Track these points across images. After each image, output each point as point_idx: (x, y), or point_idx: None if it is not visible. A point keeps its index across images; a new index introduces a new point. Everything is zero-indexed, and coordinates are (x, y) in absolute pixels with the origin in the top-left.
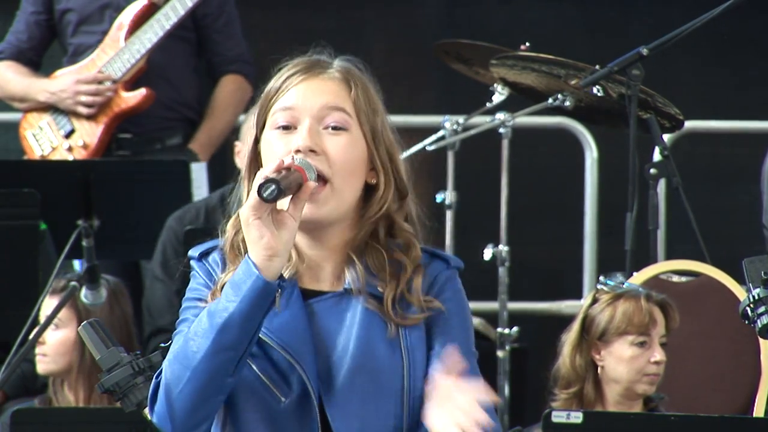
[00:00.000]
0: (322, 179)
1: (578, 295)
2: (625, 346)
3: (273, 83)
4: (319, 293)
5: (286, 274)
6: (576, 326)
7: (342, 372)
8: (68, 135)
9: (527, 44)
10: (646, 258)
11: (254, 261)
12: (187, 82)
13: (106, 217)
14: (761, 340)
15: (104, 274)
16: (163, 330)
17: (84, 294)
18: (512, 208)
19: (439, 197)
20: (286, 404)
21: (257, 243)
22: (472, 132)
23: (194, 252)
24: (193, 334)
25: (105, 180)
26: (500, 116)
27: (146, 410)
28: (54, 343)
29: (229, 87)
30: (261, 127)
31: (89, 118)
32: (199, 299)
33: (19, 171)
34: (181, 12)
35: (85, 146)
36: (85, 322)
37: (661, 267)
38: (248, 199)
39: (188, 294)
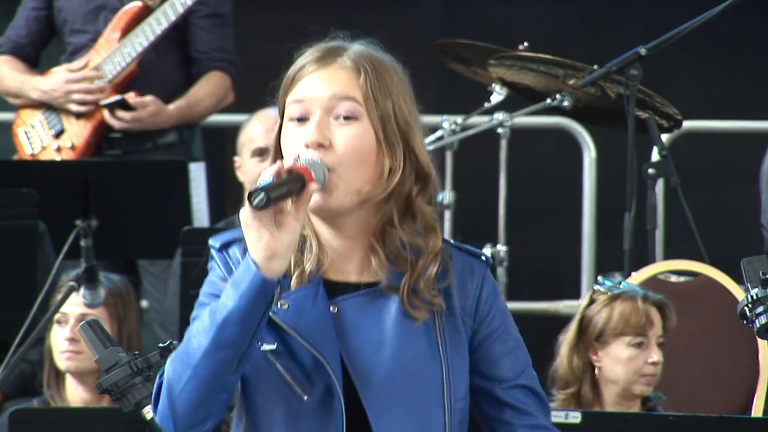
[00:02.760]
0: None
1: (576, 295)
2: (622, 346)
3: (290, 71)
4: (347, 285)
5: (307, 267)
6: (573, 327)
7: (380, 373)
8: (58, 135)
9: (525, 44)
10: (644, 258)
11: (253, 259)
12: (178, 83)
13: (104, 217)
14: (759, 341)
15: (109, 274)
16: None
17: (83, 294)
18: (510, 208)
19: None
20: (308, 402)
21: (256, 244)
22: (471, 132)
23: (215, 242)
24: (195, 332)
25: (103, 180)
26: (498, 116)
27: (145, 410)
28: None
29: (215, 80)
30: (281, 117)
31: (79, 119)
32: (216, 295)
33: (17, 171)
34: (173, 17)
35: (72, 147)
36: (83, 321)
37: (659, 267)
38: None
39: (205, 288)
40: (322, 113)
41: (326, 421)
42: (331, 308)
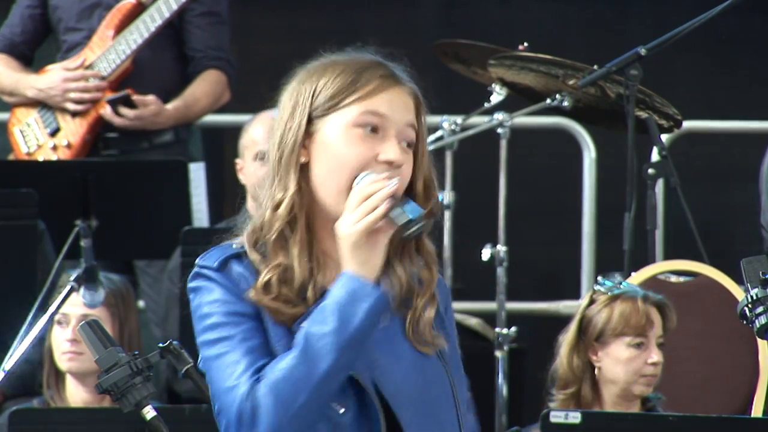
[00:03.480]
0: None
1: (576, 296)
2: (622, 347)
3: (353, 76)
4: None
5: (328, 285)
6: (573, 327)
7: (405, 381)
8: (53, 133)
9: (525, 44)
10: (644, 258)
11: (366, 278)
12: (173, 80)
13: (104, 217)
14: (759, 341)
15: (109, 274)
16: None
17: (83, 294)
18: (510, 208)
19: None
20: (346, 414)
21: (368, 263)
22: (471, 132)
23: (210, 262)
24: (301, 357)
25: (103, 180)
26: (498, 116)
27: (145, 410)
28: None
29: (211, 79)
30: (328, 109)
31: (75, 116)
32: (239, 313)
33: (17, 171)
34: (167, 14)
35: (69, 146)
36: (83, 322)
37: (659, 267)
38: (356, 220)
39: (213, 308)
40: (398, 136)
41: (366, 428)
42: None
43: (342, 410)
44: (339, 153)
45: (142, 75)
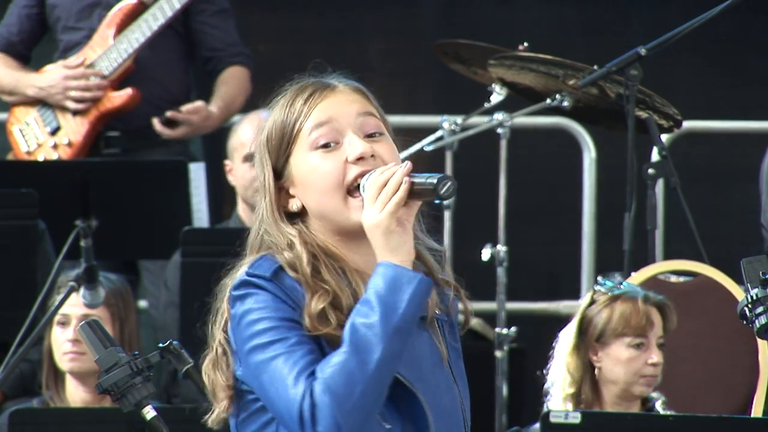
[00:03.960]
0: None
1: (576, 296)
2: (622, 347)
3: (288, 111)
4: None
5: (350, 294)
6: (573, 327)
7: (441, 401)
8: (54, 132)
9: (525, 44)
10: (644, 258)
11: (402, 263)
12: (175, 79)
13: (104, 217)
14: (759, 341)
15: (107, 273)
16: None
17: (82, 294)
18: (510, 208)
19: None
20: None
21: (402, 248)
22: (471, 132)
23: (261, 271)
24: (352, 350)
25: (103, 180)
26: (498, 116)
27: (145, 410)
28: None
29: (240, 75)
30: (285, 157)
31: (75, 115)
32: (293, 319)
33: (17, 171)
34: (169, 13)
35: (70, 144)
36: (83, 322)
37: (659, 267)
38: (380, 208)
39: (268, 313)
40: (355, 130)
41: None
42: None
43: (388, 427)
44: (315, 181)
45: (144, 74)
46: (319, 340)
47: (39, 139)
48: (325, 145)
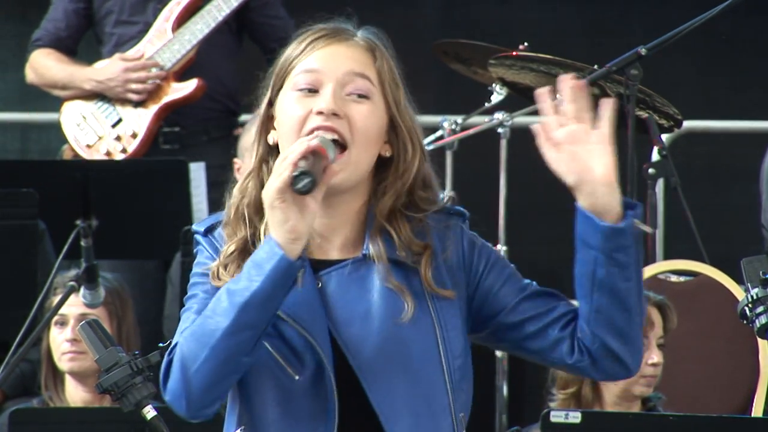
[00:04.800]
0: (340, 145)
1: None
2: None
3: (295, 47)
4: (329, 261)
5: None
6: None
7: (371, 342)
8: (115, 124)
9: (525, 44)
10: (644, 258)
11: (278, 242)
12: (228, 72)
13: (104, 217)
14: (759, 340)
15: (102, 272)
16: None
17: (82, 294)
18: (511, 207)
19: None
20: (300, 381)
21: (281, 226)
22: (471, 132)
23: (199, 227)
24: (212, 312)
25: (103, 180)
26: (499, 116)
27: (145, 410)
28: None
29: None
30: (278, 89)
31: (137, 107)
32: (207, 274)
33: (17, 171)
34: (235, 4)
35: (134, 135)
36: (83, 321)
37: (659, 267)
38: (272, 181)
39: (195, 269)
40: (335, 85)
41: (319, 398)
42: (317, 284)
43: (297, 377)
44: (283, 121)
45: (202, 66)
46: None
47: (99, 132)
48: (303, 90)
